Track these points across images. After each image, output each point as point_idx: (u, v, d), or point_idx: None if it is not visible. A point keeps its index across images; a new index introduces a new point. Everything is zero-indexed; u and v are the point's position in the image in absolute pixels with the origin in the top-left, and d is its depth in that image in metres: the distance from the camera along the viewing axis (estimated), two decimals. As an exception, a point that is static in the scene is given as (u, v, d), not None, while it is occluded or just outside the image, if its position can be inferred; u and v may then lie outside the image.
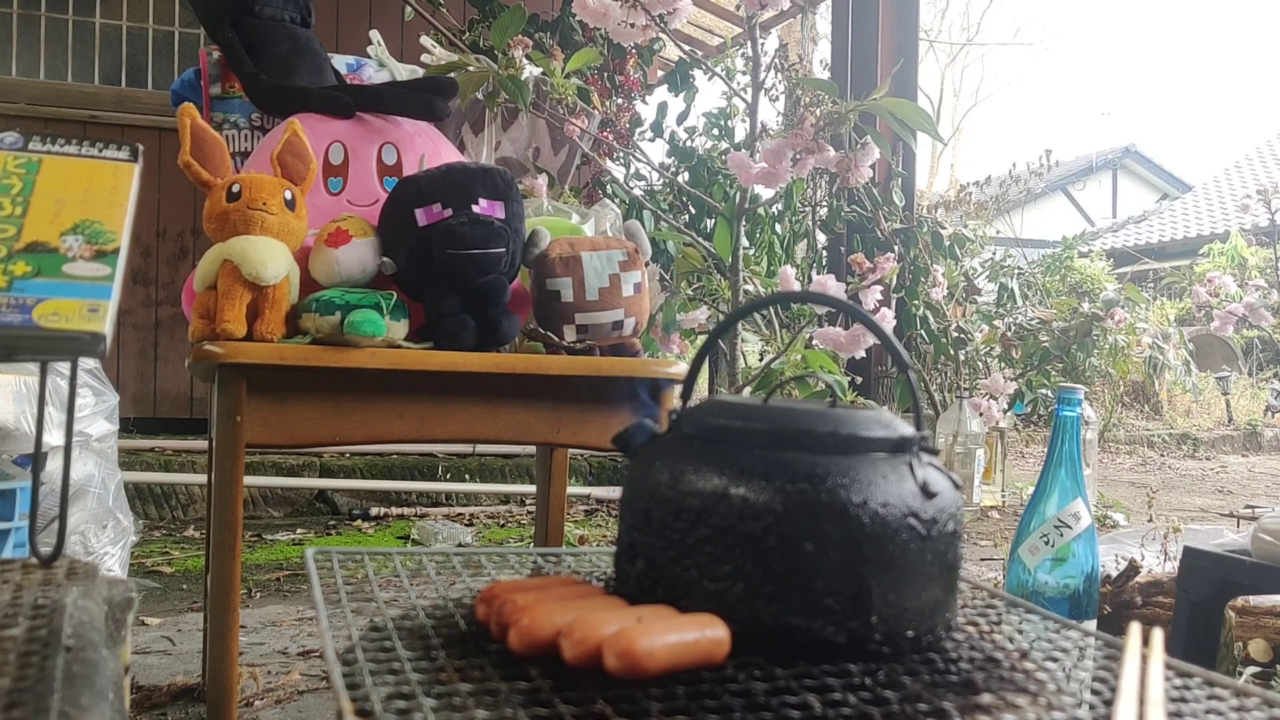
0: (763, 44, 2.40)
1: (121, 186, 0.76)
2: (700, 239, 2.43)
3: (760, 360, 3.96)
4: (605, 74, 3.74)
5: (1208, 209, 14.31)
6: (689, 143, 4.38)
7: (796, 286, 2.19)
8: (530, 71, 1.94)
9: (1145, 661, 0.51)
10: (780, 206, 4.29)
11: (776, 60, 4.36)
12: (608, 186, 3.58)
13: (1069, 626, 0.60)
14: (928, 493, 0.51)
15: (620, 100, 3.71)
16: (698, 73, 4.36)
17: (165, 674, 1.84)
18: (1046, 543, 1.13)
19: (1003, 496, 4.21)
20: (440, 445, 3.71)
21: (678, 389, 1.36)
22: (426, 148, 1.52)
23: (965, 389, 3.97)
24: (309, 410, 1.23)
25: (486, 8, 3.82)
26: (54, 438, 1.68)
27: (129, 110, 4.27)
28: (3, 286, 0.68)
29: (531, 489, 3.65)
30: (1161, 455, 7.19)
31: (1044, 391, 4.39)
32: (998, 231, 7.62)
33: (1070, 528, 1.13)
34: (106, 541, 1.94)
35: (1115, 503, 4.29)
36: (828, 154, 1.97)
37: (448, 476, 3.80)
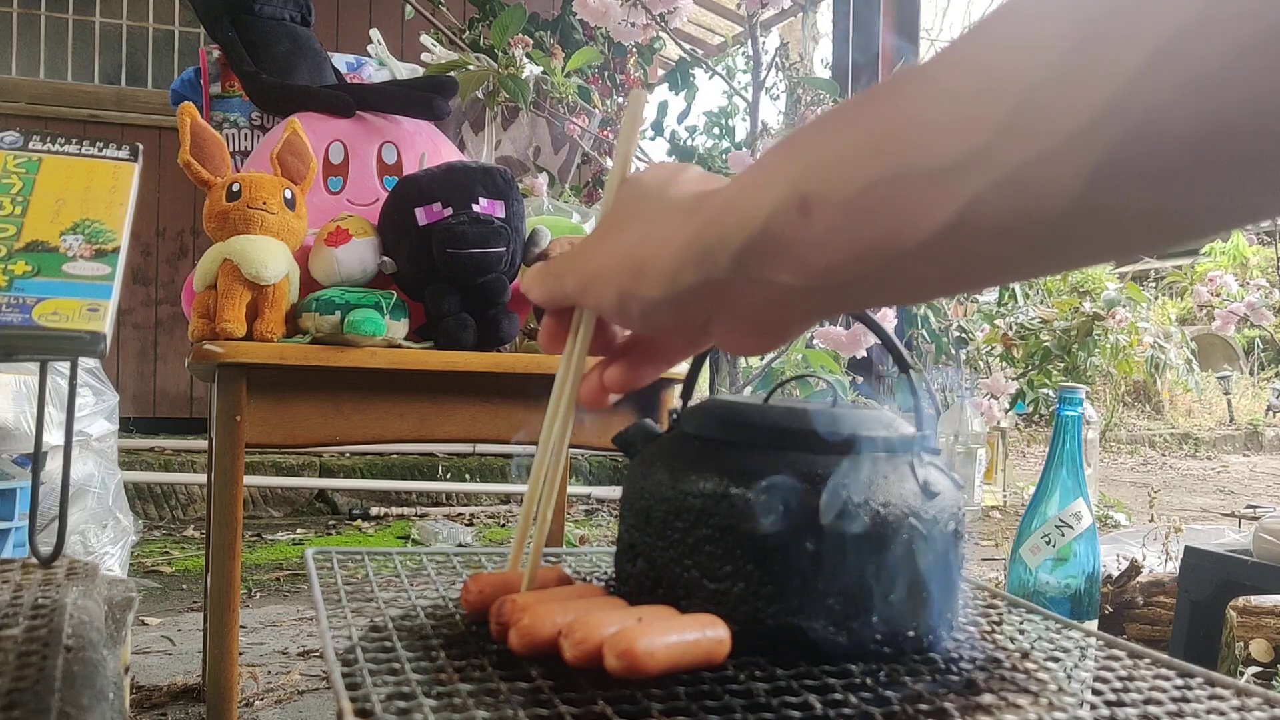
0: (763, 42, 2.40)
1: (121, 186, 0.76)
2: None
3: (761, 360, 3.96)
4: (606, 73, 3.74)
5: (1209, 208, 14.26)
6: (690, 142, 4.38)
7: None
8: (531, 70, 1.94)
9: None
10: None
11: (777, 59, 4.35)
12: (608, 185, 3.57)
13: (1070, 626, 0.60)
14: (929, 492, 0.51)
15: (621, 99, 3.71)
16: (698, 71, 4.36)
17: (165, 674, 1.84)
18: (1048, 542, 1.13)
19: (1004, 496, 4.21)
20: (440, 445, 3.71)
21: (678, 389, 1.36)
22: (426, 147, 1.52)
23: (967, 388, 3.97)
24: (309, 410, 1.23)
25: (487, 6, 3.81)
26: (54, 437, 1.68)
27: (129, 109, 4.27)
28: (3, 286, 0.68)
29: (532, 488, 3.64)
30: (1163, 455, 7.19)
31: (1045, 391, 4.39)
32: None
33: (1071, 527, 1.13)
34: (106, 541, 1.94)
35: (1117, 502, 4.29)
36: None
37: (448, 476, 3.80)
